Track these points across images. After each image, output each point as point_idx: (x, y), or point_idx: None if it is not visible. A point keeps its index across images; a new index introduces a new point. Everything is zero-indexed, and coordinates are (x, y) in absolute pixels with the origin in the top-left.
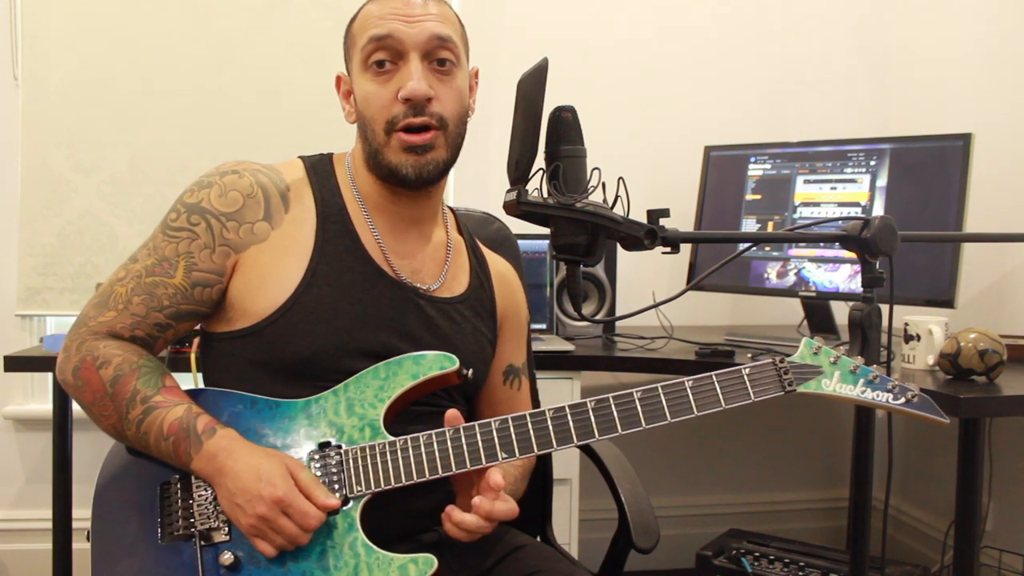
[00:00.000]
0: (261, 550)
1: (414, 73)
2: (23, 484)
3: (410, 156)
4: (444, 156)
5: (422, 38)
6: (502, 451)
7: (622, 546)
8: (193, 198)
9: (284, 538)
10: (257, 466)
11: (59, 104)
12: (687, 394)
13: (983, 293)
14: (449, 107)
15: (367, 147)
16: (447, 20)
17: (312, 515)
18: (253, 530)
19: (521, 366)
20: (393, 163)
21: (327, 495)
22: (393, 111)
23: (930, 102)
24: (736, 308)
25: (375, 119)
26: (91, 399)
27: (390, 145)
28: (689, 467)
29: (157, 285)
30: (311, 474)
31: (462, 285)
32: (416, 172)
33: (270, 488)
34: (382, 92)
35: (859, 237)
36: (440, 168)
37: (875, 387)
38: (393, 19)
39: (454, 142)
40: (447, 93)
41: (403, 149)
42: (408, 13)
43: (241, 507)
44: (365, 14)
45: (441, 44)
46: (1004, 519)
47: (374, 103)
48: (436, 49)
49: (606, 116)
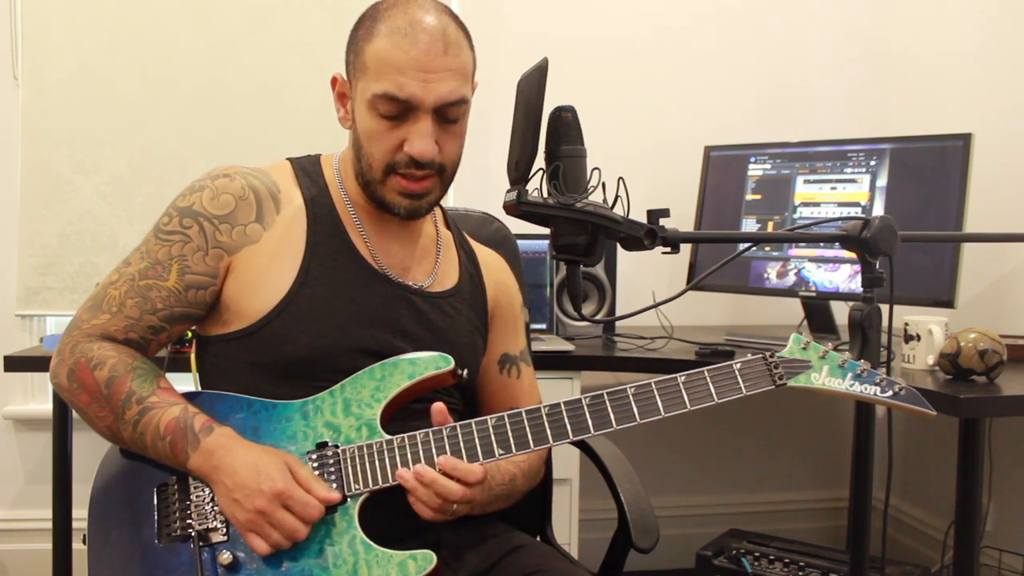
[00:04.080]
0: (254, 547)
1: (424, 133)
2: (23, 484)
3: (405, 200)
4: (437, 196)
5: (436, 102)
6: (499, 448)
7: (622, 546)
8: (185, 202)
9: (281, 533)
10: (255, 461)
11: (59, 104)
12: (680, 389)
13: (983, 293)
14: (450, 155)
15: (360, 173)
16: (463, 73)
17: (314, 505)
18: (250, 525)
19: (518, 354)
20: (387, 200)
21: (327, 489)
22: (395, 158)
23: (930, 102)
24: (736, 308)
25: (375, 158)
26: (87, 401)
27: (386, 184)
28: (689, 467)
29: (150, 288)
30: (309, 469)
31: (452, 279)
32: (408, 212)
33: (269, 482)
34: (387, 136)
35: (859, 237)
36: (432, 207)
37: (863, 380)
38: (413, 76)
39: (449, 180)
40: (450, 143)
41: (399, 192)
42: (427, 68)
43: (239, 502)
44: (382, 51)
45: (452, 105)
46: (1004, 519)
47: (377, 144)
48: (447, 109)
49: (606, 116)
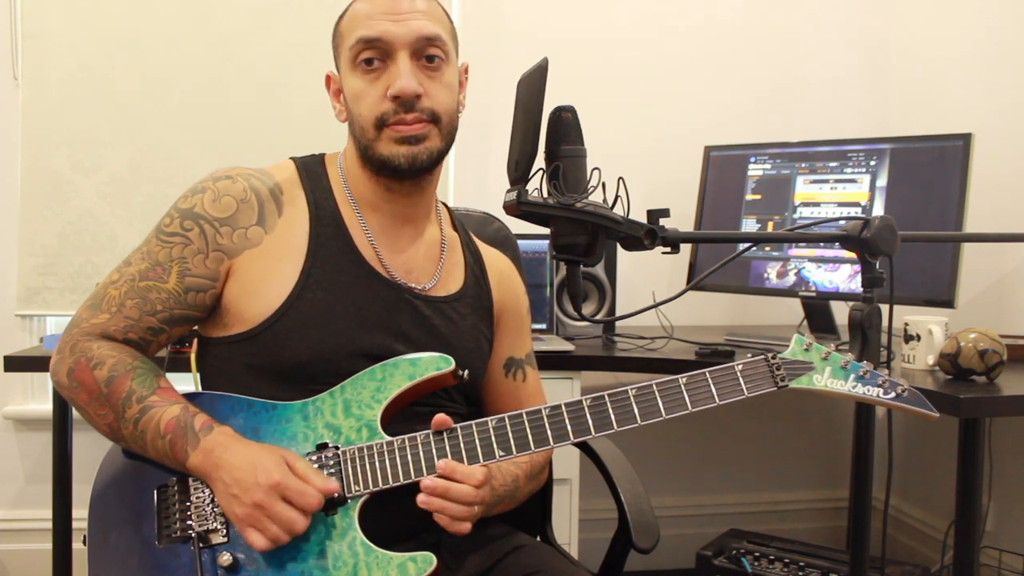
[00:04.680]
0: (252, 542)
1: (403, 71)
2: (23, 484)
3: (402, 147)
4: (438, 145)
5: (411, 37)
6: (499, 449)
7: (622, 546)
8: (187, 203)
9: (279, 525)
10: (253, 457)
11: (59, 104)
12: (681, 390)
13: (983, 293)
14: (440, 101)
15: (358, 144)
16: (435, 17)
17: (312, 494)
18: (248, 519)
19: (524, 358)
20: (385, 155)
21: (325, 479)
22: (383, 108)
23: (930, 102)
24: (736, 308)
25: (365, 116)
26: (86, 400)
27: (381, 139)
28: (689, 467)
29: (150, 289)
30: (307, 462)
31: (457, 282)
32: (409, 161)
33: (265, 475)
34: (371, 90)
35: (859, 237)
36: (434, 156)
37: (865, 382)
38: (381, 19)
39: (447, 134)
40: (437, 88)
41: (395, 141)
42: (396, 10)
43: (237, 497)
44: (353, 13)
45: (429, 42)
46: (1004, 519)
47: (363, 100)
48: (425, 47)
49: (606, 116)
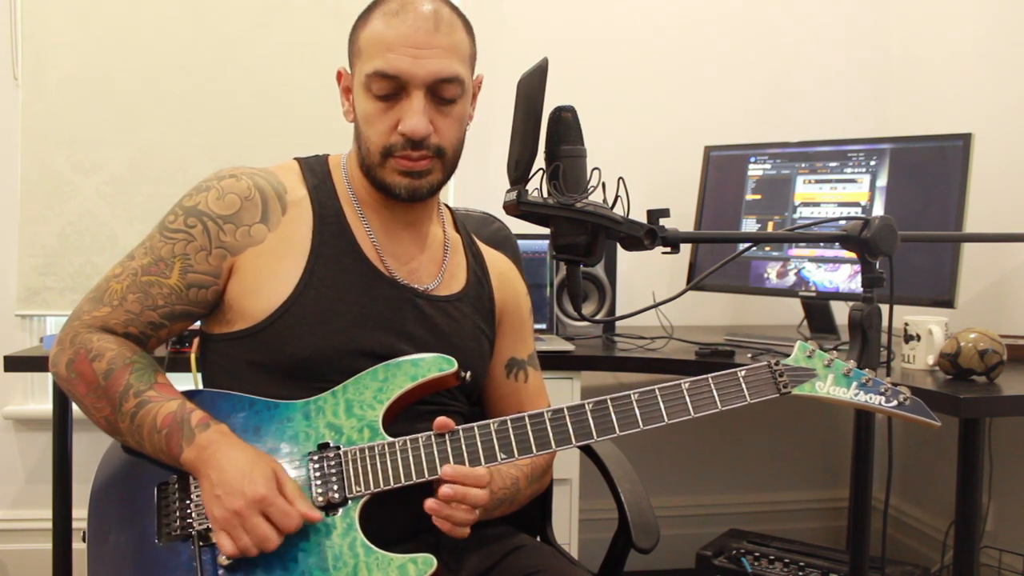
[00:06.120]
0: (221, 545)
1: (416, 110)
2: (23, 484)
3: (405, 178)
4: (439, 178)
5: (428, 78)
6: (501, 452)
7: (622, 546)
8: (191, 201)
9: (252, 538)
10: (244, 463)
11: (59, 104)
12: (684, 396)
13: (983, 293)
14: (448, 137)
15: (361, 160)
16: (457, 51)
17: (293, 517)
18: (224, 523)
19: (526, 359)
20: (387, 182)
21: (310, 506)
22: (391, 140)
23: (930, 102)
24: (736, 308)
25: (373, 141)
26: (84, 391)
27: (385, 167)
28: (689, 467)
29: (152, 284)
30: (296, 484)
31: (460, 283)
32: (409, 192)
33: (252, 486)
34: (382, 119)
35: (859, 237)
36: (434, 188)
37: (868, 390)
38: (402, 52)
39: (451, 165)
40: (447, 125)
41: (399, 172)
42: (417, 44)
43: (220, 498)
44: (374, 33)
45: (445, 83)
46: (1004, 519)
47: (373, 126)
48: (441, 87)
49: (606, 116)
